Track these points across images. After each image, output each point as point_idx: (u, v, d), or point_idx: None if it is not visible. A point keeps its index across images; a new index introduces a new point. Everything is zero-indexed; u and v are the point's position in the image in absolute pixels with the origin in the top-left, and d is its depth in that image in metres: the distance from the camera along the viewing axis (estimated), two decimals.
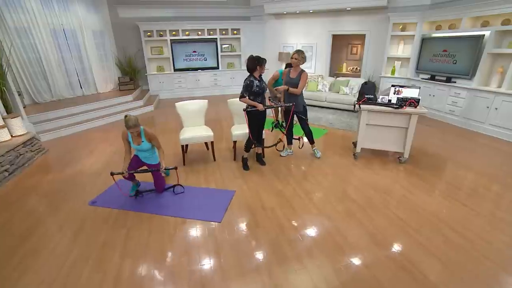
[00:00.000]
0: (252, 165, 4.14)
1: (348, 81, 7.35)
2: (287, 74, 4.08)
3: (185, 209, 3.11)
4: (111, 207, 3.14)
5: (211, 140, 4.17)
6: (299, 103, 4.05)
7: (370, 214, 2.96)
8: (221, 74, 9.51)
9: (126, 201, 3.27)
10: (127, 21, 8.46)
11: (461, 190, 3.41)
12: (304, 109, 4.13)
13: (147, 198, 3.33)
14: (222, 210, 3.07)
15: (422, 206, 3.09)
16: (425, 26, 6.46)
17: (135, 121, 3.01)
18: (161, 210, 3.09)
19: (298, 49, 3.95)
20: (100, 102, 6.87)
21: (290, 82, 4.01)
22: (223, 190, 3.48)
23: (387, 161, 4.21)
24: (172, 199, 3.32)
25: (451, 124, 5.95)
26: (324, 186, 3.56)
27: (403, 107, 3.75)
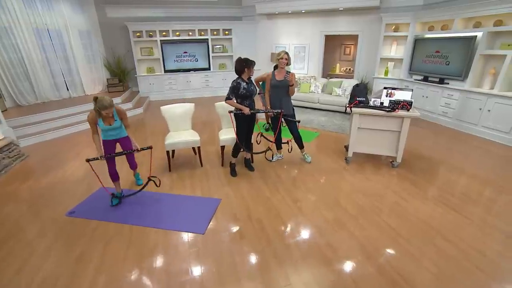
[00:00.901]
0: (240, 171, 3.99)
1: (341, 82, 7.25)
2: (272, 79, 3.85)
3: (168, 219, 2.96)
4: (90, 218, 2.97)
5: (197, 145, 4.02)
6: (289, 106, 3.91)
7: (361, 223, 2.84)
8: (212, 75, 9.35)
9: (107, 211, 3.10)
10: (116, 21, 8.26)
11: (453, 195, 3.31)
12: (293, 112, 4.00)
13: (129, 207, 3.16)
14: (206, 220, 2.92)
15: (414, 214, 2.97)
16: (417, 26, 6.40)
17: (110, 101, 2.84)
18: (143, 221, 2.93)
19: (284, 50, 3.82)
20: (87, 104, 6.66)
21: (277, 85, 3.82)
22: (208, 199, 3.33)
23: (380, 165, 4.10)
24: (155, 208, 3.15)
25: (444, 126, 5.88)
26: (314, 193, 3.43)
27: (395, 110, 3.64)
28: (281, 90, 3.84)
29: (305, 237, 2.66)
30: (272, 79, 3.87)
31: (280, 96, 3.87)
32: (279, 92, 3.86)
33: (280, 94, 3.87)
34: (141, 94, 8.84)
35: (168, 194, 3.45)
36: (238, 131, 3.65)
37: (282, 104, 3.85)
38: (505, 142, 4.81)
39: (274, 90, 3.89)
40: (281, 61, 3.72)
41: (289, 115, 3.92)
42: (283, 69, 3.79)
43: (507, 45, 4.75)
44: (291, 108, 3.95)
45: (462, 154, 4.48)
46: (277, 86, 3.84)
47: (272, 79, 3.87)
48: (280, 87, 3.82)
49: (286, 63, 3.73)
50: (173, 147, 3.96)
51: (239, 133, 3.65)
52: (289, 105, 3.90)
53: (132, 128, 5.98)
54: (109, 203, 3.21)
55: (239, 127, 3.63)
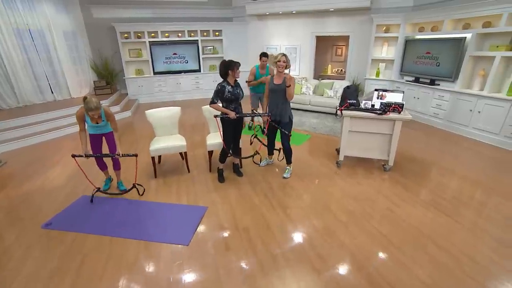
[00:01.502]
0: (228, 176, 3.88)
1: (332, 84, 7.19)
2: (270, 81, 3.59)
3: (151, 230, 2.82)
4: (68, 230, 2.81)
5: (183, 150, 3.89)
6: (286, 113, 3.58)
7: (352, 230, 2.75)
8: (203, 77, 9.21)
9: (87, 222, 2.95)
10: (102, 21, 8.05)
11: (445, 199, 3.26)
12: (289, 122, 3.64)
13: (110, 217, 3.02)
14: (191, 230, 2.79)
15: (406, 219, 2.90)
16: (408, 27, 6.38)
17: (97, 104, 2.95)
18: (124, 231, 2.79)
19: (282, 52, 3.48)
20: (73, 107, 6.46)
21: (276, 89, 3.51)
22: (194, 207, 3.21)
23: (372, 169, 4.03)
24: (138, 218, 3.01)
25: (435, 127, 5.86)
26: (303, 199, 3.33)
27: (386, 113, 3.57)
28: (278, 95, 3.53)
29: (294, 247, 2.56)
30: (270, 83, 3.60)
31: (277, 101, 3.56)
32: (276, 97, 3.55)
33: (277, 99, 3.55)
34: (129, 96, 8.63)
35: (152, 202, 3.31)
36: (224, 135, 3.53)
37: (278, 110, 3.57)
38: (495, 143, 4.79)
39: (271, 95, 3.61)
40: (278, 64, 3.38)
41: (283, 123, 3.62)
42: (281, 73, 3.49)
43: (496, 46, 4.74)
44: (288, 116, 3.60)
45: (453, 156, 4.44)
46: (274, 91, 3.54)
47: (270, 83, 3.60)
48: (278, 92, 3.51)
49: (285, 66, 3.40)
50: (158, 153, 3.82)
51: (225, 137, 3.54)
52: (285, 112, 3.58)
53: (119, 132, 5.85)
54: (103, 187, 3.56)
55: (225, 132, 3.52)
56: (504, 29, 4.53)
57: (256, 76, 5.09)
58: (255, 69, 5.13)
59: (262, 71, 5.14)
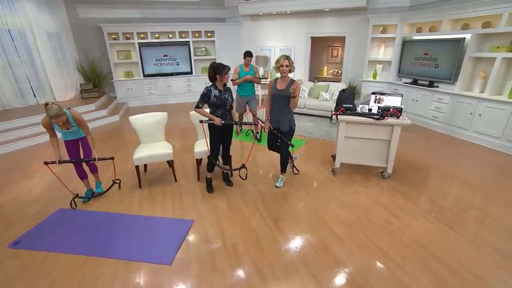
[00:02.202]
0: (218, 186, 3.70)
1: (328, 86, 7.06)
2: (273, 86, 3.32)
3: (131, 247, 2.62)
4: (38, 249, 2.60)
5: (169, 158, 3.70)
6: (286, 122, 3.31)
7: (349, 246, 2.58)
8: (195, 80, 9.06)
9: (60, 239, 2.74)
10: (89, 22, 7.84)
11: (445, 208, 3.11)
12: (290, 131, 3.37)
13: (87, 233, 2.81)
14: (174, 247, 2.60)
15: (406, 232, 2.74)
16: (405, 28, 6.29)
17: (58, 111, 2.81)
18: (101, 250, 2.59)
19: (285, 55, 3.16)
20: None
21: (278, 95, 3.24)
22: (180, 220, 3.02)
23: (369, 177, 3.87)
24: (118, 234, 2.81)
25: (435, 130, 5.74)
26: (297, 211, 3.16)
27: (384, 118, 3.42)
28: (280, 102, 3.26)
29: (286, 265, 2.37)
30: (272, 88, 3.32)
31: (278, 108, 3.30)
32: (278, 103, 3.29)
33: (278, 106, 3.29)
34: (118, 100, 8.44)
35: (134, 215, 3.11)
36: (211, 143, 3.36)
37: (279, 118, 3.32)
38: (497, 147, 4.68)
39: (273, 101, 3.35)
40: (281, 69, 3.11)
41: (284, 132, 3.35)
42: (286, 77, 3.22)
43: (496, 47, 4.63)
44: (289, 125, 3.32)
45: (454, 161, 4.31)
46: (276, 97, 3.27)
47: (272, 88, 3.32)
48: (280, 98, 3.23)
49: (289, 70, 3.14)
50: (142, 162, 3.63)
51: (212, 145, 3.36)
52: (286, 120, 3.30)
53: (105, 138, 5.65)
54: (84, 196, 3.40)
55: (212, 139, 3.34)
56: (505, 30, 4.43)
57: (240, 75, 4.98)
58: (239, 68, 5.05)
59: (246, 68, 5.06)
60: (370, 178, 3.84)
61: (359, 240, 2.65)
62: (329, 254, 2.49)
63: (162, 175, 4.08)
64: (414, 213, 3.04)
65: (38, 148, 5.20)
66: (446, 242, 2.60)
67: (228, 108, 3.33)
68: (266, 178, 3.91)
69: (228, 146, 3.59)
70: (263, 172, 4.10)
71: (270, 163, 4.31)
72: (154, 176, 4.05)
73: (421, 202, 3.27)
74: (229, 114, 3.38)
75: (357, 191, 3.54)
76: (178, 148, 5.05)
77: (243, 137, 5.48)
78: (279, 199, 3.40)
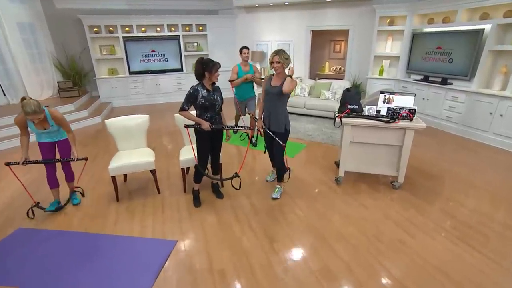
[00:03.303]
0: (206, 198, 3.44)
1: (331, 84, 6.84)
2: (267, 82, 3.17)
3: (100, 277, 2.35)
4: None
5: (151, 168, 3.44)
6: (281, 121, 3.13)
7: (356, 273, 2.32)
8: (186, 77, 8.82)
9: (12, 268, 2.46)
10: (66, 13, 7.55)
11: (470, 226, 2.85)
12: (285, 132, 3.18)
13: (48, 260, 2.54)
14: (152, 275, 2.33)
15: (423, 256, 2.48)
16: (415, 19, 6.10)
17: (35, 107, 2.66)
18: (61, 282, 2.31)
19: (277, 49, 3.01)
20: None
21: (270, 91, 3.08)
22: (160, 241, 2.75)
23: (378, 187, 3.62)
24: (85, 259, 2.54)
25: (449, 132, 5.51)
26: (295, 228, 2.90)
27: (395, 121, 3.17)
28: (272, 99, 3.10)
29: None
30: (266, 83, 3.17)
31: (270, 106, 3.15)
32: (270, 101, 3.13)
33: (271, 104, 3.13)
34: (101, 99, 8.20)
35: (107, 236, 2.84)
36: (198, 150, 3.10)
37: (272, 118, 3.15)
38: None
39: (266, 99, 3.20)
40: (273, 66, 2.98)
41: (277, 134, 3.14)
42: (281, 73, 3.04)
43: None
44: (283, 124, 3.13)
45: (472, 168, 4.07)
46: (269, 93, 3.12)
47: (266, 83, 3.17)
48: (273, 95, 3.07)
49: (282, 66, 2.97)
50: (119, 172, 3.36)
51: (200, 153, 3.11)
52: (279, 119, 3.12)
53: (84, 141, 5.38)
54: (48, 207, 3.17)
55: (200, 146, 3.08)
56: None
57: (239, 75, 4.72)
58: (237, 68, 4.77)
59: (245, 68, 4.77)
60: (379, 189, 3.58)
61: (368, 265, 2.39)
62: (333, 284, 2.23)
63: (145, 185, 3.82)
64: (431, 231, 2.79)
65: (9, 152, 4.91)
66: (473, 268, 2.33)
67: (218, 110, 3.09)
68: (261, 188, 3.65)
69: (217, 153, 3.35)
70: (258, 181, 3.84)
71: (265, 171, 4.06)
72: (135, 187, 3.79)
73: (438, 217, 3.01)
74: (219, 117, 3.14)
75: (364, 203, 3.29)
76: (165, 153, 4.81)
77: (237, 141, 5.23)
78: (275, 213, 3.14)
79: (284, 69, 3.03)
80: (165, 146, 5.18)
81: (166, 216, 3.14)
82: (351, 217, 3.06)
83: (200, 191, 3.43)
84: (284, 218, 3.07)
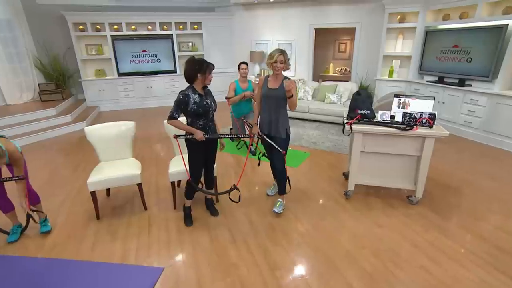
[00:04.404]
0: (199, 216, 3.21)
1: (336, 86, 6.70)
2: (263, 85, 3.03)
3: None
4: None
5: (136, 182, 3.21)
6: (282, 126, 3.00)
7: None
8: (180, 79, 8.67)
9: None
10: (48, 9, 7.37)
11: (505, 251, 2.61)
12: (287, 138, 3.06)
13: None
14: None
15: (451, 287, 2.24)
16: (429, 15, 5.99)
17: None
18: None
19: (279, 49, 2.90)
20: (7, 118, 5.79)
21: (270, 95, 2.95)
22: (145, 268, 2.51)
23: (392, 202, 3.40)
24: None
25: (468, 139, 5.34)
26: (300, 251, 2.67)
27: (413, 128, 2.96)
28: (273, 103, 2.97)
29: None
30: (263, 86, 3.03)
31: (271, 111, 3.00)
32: (270, 105, 2.99)
33: (271, 108, 2.99)
34: (88, 103, 8.05)
35: (82, 262, 2.60)
36: (191, 163, 2.88)
37: (272, 122, 3.00)
38: None
39: (264, 103, 3.05)
40: (274, 65, 2.84)
41: (279, 139, 3.01)
42: (279, 75, 2.95)
43: None
44: (284, 130, 3.02)
45: (498, 179, 3.86)
46: (268, 97, 2.98)
47: (263, 86, 3.03)
48: (272, 99, 2.95)
49: (283, 68, 2.87)
50: (99, 187, 3.12)
51: (192, 166, 2.89)
52: (280, 125, 3.00)
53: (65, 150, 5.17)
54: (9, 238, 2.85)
55: (192, 158, 2.87)
56: None
57: (236, 92, 4.63)
58: (235, 85, 4.68)
59: (244, 85, 4.69)
60: (394, 204, 3.36)
61: None
62: None
63: (130, 199, 3.59)
64: (459, 257, 2.55)
65: None
66: None
67: (211, 117, 2.88)
68: (260, 203, 3.44)
69: (212, 165, 3.14)
70: (257, 195, 3.63)
71: (265, 184, 3.84)
72: (119, 202, 3.56)
73: (466, 239, 2.77)
74: (213, 125, 2.94)
75: (378, 221, 3.06)
76: (154, 163, 4.62)
77: (233, 150, 5.00)
78: (276, 233, 2.91)
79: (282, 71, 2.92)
80: (156, 155, 4.98)
81: (152, 238, 2.90)
82: (363, 237, 2.83)
83: (192, 208, 3.20)
84: (287, 239, 2.84)
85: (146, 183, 3.85)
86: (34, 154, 5.02)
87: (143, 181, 3.32)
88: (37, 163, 4.63)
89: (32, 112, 6.26)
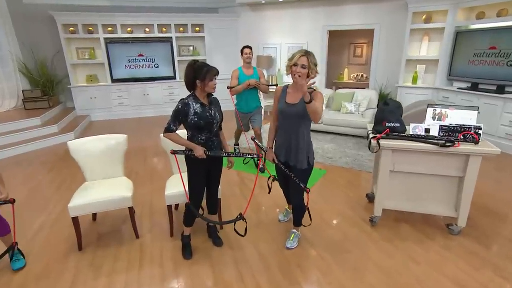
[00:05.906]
0: (200, 246, 2.96)
1: (353, 94, 6.58)
2: (280, 97, 2.62)
3: None
4: None
5: (127, 205, 2.97)
6: (302, 153, 2.60)
7: None
8: (179, 86, 8.71)
9: None
10: (36, 8, 7.42)
11: None
12: (308, 167, 2.66)
13: None
14: None
15: None
16: (460, 14, 5.91)
17: None
18: None
19: (305, 49, 2.43)
20: None
21: (288, 112, 2.54)
22: None
23: (427, 231, 3.12)
24: None
25: (509, 154, 5.11)
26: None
27: (454, 144, 2.70)
28: (292, 123, 2.57)
29: None
30: (280, 100, 2.63)
31: (289, 133, 2.61)
32: (288, 126, 2.60)
33: (290, 130, 2.59)
34: (77, 111, 8.06)
35: None
36: (191, 183, 2.67)
37: (291, 149, 2.62)
38: None
39: (281, 121, 2.67)
40: (294, 69, 2.35)
41: (297, 170, 2.63)
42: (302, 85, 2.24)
43: None
44: (305, 157, 2.61)
45: None
46: (285, 115, 2.58)
47: (280, 100, 2.63)
48: (292, 118, 2.54)
49: (307, 74, 2.36)
50: (82, 212, 2.88)
51: (192, 187, 2.67)
52: (300, 152, 2.59)
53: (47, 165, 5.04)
54: None
55: (192, 178, 2.64)
56: None
57: (240, 81, 4.40)
58: (238, 72, 4.48)
59: (248, 71, 4.48)
60: (429, 234, 3.07)
61: None
62: None
63: (119, 225, 3.36)
64: None
65: None
66: None
67: (216, 131, 2.67)
68: (272, 231, 3.19)
69: (216, 187, 2.91)
70: (267, 221, 3.38)
71: (277, 206, 3.60)
72: (106, 228, 3.34)
73: None
74: (217, 140, 2.71)
75: (413, 256, 2.77)
76: (149, 179, 4.46)
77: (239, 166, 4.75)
78: (291, 268, 2.65)
79: None
80: (151, 170, 4.81)
81: (144, 274, 2.64)
82: (395, 275, 2.54)
83: (192, 236, 2.95)
84: (304, 276, 2.57)
85: (139, 204, 3.65)
86: (12, 169, 4.87)
87: (135, 202, 3.13)
88: (15, 180, 4.46)
89: (15, 121, 6.19)
